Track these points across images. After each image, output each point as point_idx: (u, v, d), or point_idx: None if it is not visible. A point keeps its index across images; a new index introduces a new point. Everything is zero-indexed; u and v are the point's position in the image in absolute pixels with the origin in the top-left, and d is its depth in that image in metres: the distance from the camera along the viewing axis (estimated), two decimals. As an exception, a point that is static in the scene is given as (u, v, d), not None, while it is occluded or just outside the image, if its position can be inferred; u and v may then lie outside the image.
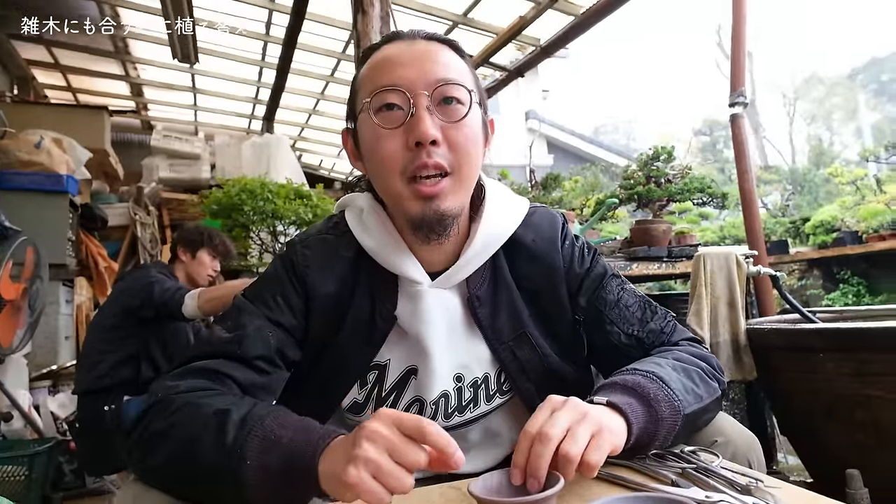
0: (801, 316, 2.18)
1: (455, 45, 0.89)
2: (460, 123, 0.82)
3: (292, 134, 6.81)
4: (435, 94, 0.81)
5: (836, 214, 5.56)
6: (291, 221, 3.38)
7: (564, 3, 3.68)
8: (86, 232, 4.13)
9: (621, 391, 0.74)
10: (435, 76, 0.81)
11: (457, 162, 0.81)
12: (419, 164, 0.79)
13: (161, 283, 2.32)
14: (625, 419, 0.70)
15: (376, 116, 0.81)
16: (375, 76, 0.84)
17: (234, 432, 0.65)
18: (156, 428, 0.71)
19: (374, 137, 0.82)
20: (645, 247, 2.54)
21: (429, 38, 0.87)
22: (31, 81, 5.21)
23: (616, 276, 0.96)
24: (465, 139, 0.82)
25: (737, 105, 2.79)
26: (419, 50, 0.84)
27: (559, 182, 3.58)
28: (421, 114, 0.79)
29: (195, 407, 0.70)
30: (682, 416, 0.75)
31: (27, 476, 2.33)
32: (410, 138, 0.79)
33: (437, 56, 0.84)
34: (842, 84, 22.24)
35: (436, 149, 0.80)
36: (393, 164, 0.81)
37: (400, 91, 0.80)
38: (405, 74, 0.81)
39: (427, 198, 0.80)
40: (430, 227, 0.82)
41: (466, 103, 0.83)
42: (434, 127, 0.79)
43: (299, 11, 3.77)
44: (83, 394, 2.36)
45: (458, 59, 0.87)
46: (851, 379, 1.71)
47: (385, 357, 0.90)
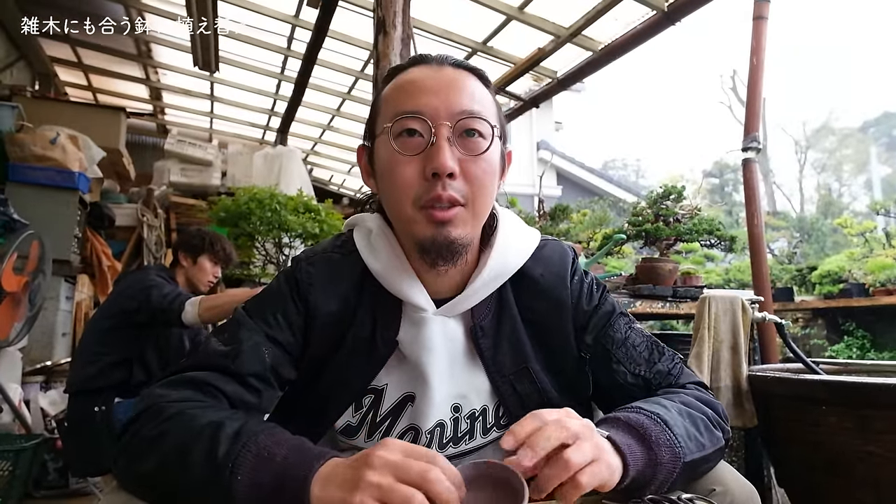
0: (805, 366, 2.15)
1: (482, 75, 0.88)
2: (479, 157, 0.81)
3: (305, 147, 6.85)
4: (457, 126, 0.80)
5: (844, 265, 5.53)
6: (297, 234, 3.38)
7: (583, 38, 3.72)
8: (92, 230, 4.14)
9: (623, 429, 0.73)
10: (459, 107, 0.80)
11: (472, 194, 0.81)
12: (433, 196, 0.78)
13: (160, 287, 2.29)
14: (622, 459, 0.68)
15: (396, 141, 0.80)
16: (399, 99, 0.83)
17: (227, 446, 0.64)
18: (146, 435, 0.70)
19: (392, 161, 0.81)
20: (650, 285, 2.52)
21: (457, 65, 0.86)
22: (53, 78, 5.27)
23: (624, 314, 0.95)
24: (483, 173, 0.81)
25: (750, 149, 2.79)
26: (446, 77, 0.83)
27: (567, 213, 3.58)
28: (441, 144, 0.78)
29: (188, 417, 0.69)
30: (681, 463, 0.73)
31: (11, 472, 2.31)
32: (428, 168, 0.78)
33: (464, 85, 0.83)
34: (853, 136, 22.35)
35: (451, 181, 0.79)
36: (407, 191, 0.80)
37: (422, 119, 0.79)
38: (429, 102, 0.80)
39: (439, 223, 0.79)
40: (438, 251, 0.81)
41: (488, 137, 0.82)
42: (452, 159, 0.79)
43: (322, 28, 3.81)
44: (74, 393, 2.34)
45: (484, 90, 0.86)
46: (854, 434, 1.68)
47: (383, 381, 0.88)
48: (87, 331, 2.43)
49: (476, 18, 3.83)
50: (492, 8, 3.61)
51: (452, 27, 4.00)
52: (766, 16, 2.80)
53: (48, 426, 2.90)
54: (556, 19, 3.66)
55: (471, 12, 3.73)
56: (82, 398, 2.30)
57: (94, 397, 2.27)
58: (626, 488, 0.69)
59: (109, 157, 4.45)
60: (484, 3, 3.58)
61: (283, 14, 4.20)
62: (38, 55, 4.78)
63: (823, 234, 12.14)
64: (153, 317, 2.26)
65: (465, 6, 3.64)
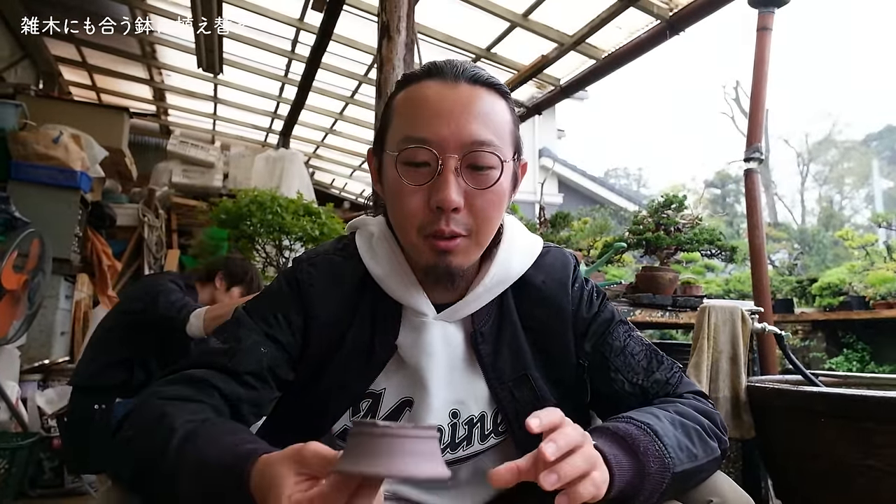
0: (805, 378, 2.15)
1: (500, 89, 0.84)
2: (487, 190, 0.79)
3: (307, 151, 6.86)
4: (466, 158, 0.78)
5: (844, 278, 5.52)
6: (298, 237, 3.38)
7: (587, 47, 3.73)
8: (93, 229, 4.14)
9: (611, 439, 0.72)
10: (470, 137, 0.77)
11: (476, 226, 0.80)
12: (437, 230, 0.78)
13: (168, 293, 2.26)
14: (609, 470, 0.68)
15: (402, 170, 0.79)
16: (409, 119, 0.80)
17: (174, 453, 0.66)
18: (125, 438, 0.73)
19: (397, 189, 0.80)
20: (650, 294, 2.52)
21: (474, 80, 0.81)
22: (58, 77, 5.29)
23: (623, 322, 0.94)
24: (489, 205, 0.80)
25: (752, 160, 2.80)
26: (460, 98, 0.79)
27: (568, 221, 3.58)
28: (447, 177, 0.76)
29: (160, 419, 0.71)
30: (671, 474, 0.72)
31: (7, 470, 2.30)
32: (433, 200, 0.77)
33: (478, 108, 0.79)
34: (856, 149, 22.40)
35: (456, 215, 0.78)
36: (412, 220, 0.80)
37: (429, 150, 0.77)
38: (439, 130, 0.77)
39: (441, 251, 0.79)
40: (437, 278, 0.82)
41: (498, 167, 0.79)
42: (458, 192, 0.77)
43: (326, 32, 3.82)
44: (76, 387, 2.32)
45: (501, 106, 0.82)
46: (853, 448, 1.67)
47: (381, 386, 0.88)
48: (97, 327, 2.42)
49: (480, 25, 3.84)
50: (496, 15, 3.63)
51: (456, 33, 4.01)
52: (770, 27, 2.81)
53: (45, 425, 2.89)
54: (559, 27, 3.67)
55: (475, 18, 3.74)
56: (84, 394, 2.29)
57: (95, 395, 2.26)
58: (613, 499, 0.69)
59: (112, 156, 4.46)
60: (488, 10, 3.59)
61: (287, 17, 4.22)
62: (42, 54, 4.80)
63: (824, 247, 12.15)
64: (158, 322, 2.23)
65: (470, 12, 3.65)
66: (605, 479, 0.67)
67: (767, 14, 2.81)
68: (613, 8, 3.29)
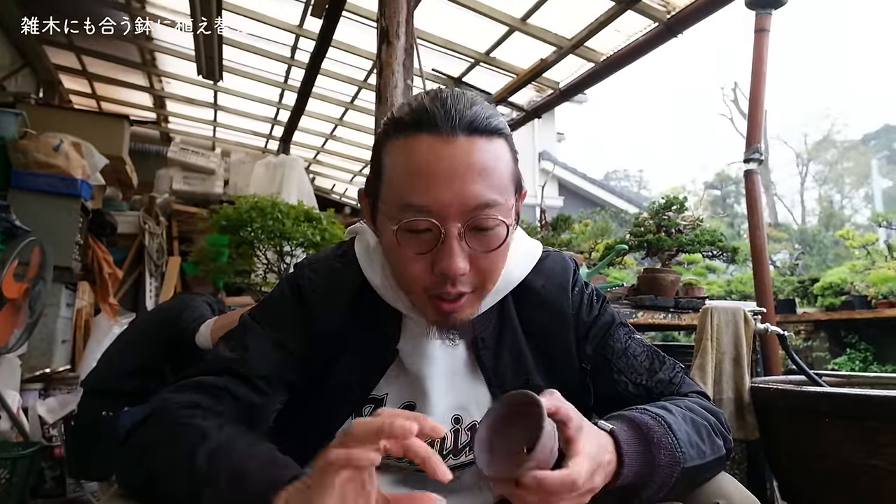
0: (808, 378, 2.14)
1: (500, 132, 0.77)
2: (492, 252, 0.77)
3: (308, 157, 6.87)
4: (470, 223, 0.74)
5: (846, 277, 5.51)
6: (299, 243, 3.37)
7: (585, 50, 3.74)
8: (94, 237, 4.14)
9: (628, 426, 0.73)
10: (474, 200, 0.72)
11: (481, 283, 0.79)
12: (443, 292, 0.76)
13: (195, 309, 2.23)
14: (618, 458, 0.69)
15: (402, 238, 0.74)
16: (405, 181, 0.74)
17: (205, 460, 0.65)
18: (141, 443, 0.71)
19: (398, 255, 0.77)
20: (652, 295, 2.51)
21: (470, 130, 0.73)
22: (58, 86, 5.29)
23: (624, 324, 0.95)
24: (494, 263, 0.78)
25: (752, 161, 2.79)
26: (458, 156, 0.72)
27: (569, 224, 3.58)
28: (451, 245, 0.73)
29: (181, 427, 0.70)
30: (680, 468, 0.72)
31: (8, 480, 2.29)
32: (437, 269, 0.74)
33: (479, 167, 0.73)
34: (854, 148, 22.42)
35: (461, 277, 0.76)
36: (416, 283, 0.77)
37: (430, 221, 0.73)
38: (439, 197, 0.72)
39: (447, 311, 0.78)
40: (442, 332, 0.81)
41: (503, 226, 0.76)
42: (463, 259, 0.74)
43: (325, 38, 3.83)
44: (87, 392, 2.31)
45: (502, 155, 0.77)
46: (857, 447, 1.66)
47: (383, 391, 0.88)
48: (121, 333, 2.41)
49: (479, 29, 3.85)
50: (494, 19, 3.63)
51: (455, 38, 4.02)
52: (768, 28, 2.81)
53: (46, 434, 2.88)
54: (558, 30, 3.68)
55: (474, 23, 3.75)
56: (95, 398, 2.27)
57: (105, 399, 2.25)
58: (621, 488, 0.69)
59: (112, 164, 4.46)
60: (487, 15, 3.59)
61: (286, 23, 4.22)
62: (42, 63, 4.81)
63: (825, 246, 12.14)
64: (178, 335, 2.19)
65: (469, 17, 3.65)
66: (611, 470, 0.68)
67: (765, 15, 2.81)
68: (611, 11, 3.30)
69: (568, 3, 3.42)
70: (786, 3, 2.76)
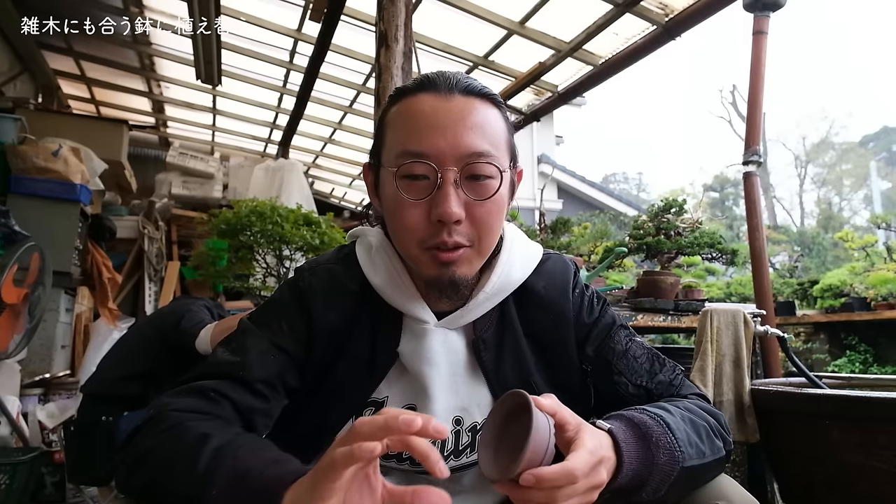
0: (808, 380, 2.14)
1: (493, 99, 0.84)
2: (487, 200, 0.80)
3: (307, 161, 6.88)
4: (465, 170, 0.78)
5: (845, 279, 5.52)
6: (298, 247, 3.37)
7: (584, 53, 3.75)
8: (93, 242, 4.13)
9: (626, 425, 0.73)
10: (467, 149, 0.78)
11: (477, 236, 0.81)
12: (439, 241, 0.78)
13: (194, 314, 2.24)
14: (617, 457, 0.69)
15: (401, 184, 0.79)
16: (405, 133, 0.80)
17: (207, 461, 0.64)
18: (142, 447, 0.70)
19: (397, 203, 0.80)
20: (651, 298, 2.52)
21: (466, 91, 0.81)
22: (57, 91, 5.30)
23: (624, 326, 0.95)
24: (489, 215, 0.80)
25: (751, 163, 2.80)
26: (455, 110, 0.79)
27: (568, 227, 3.59)
28: (447, 190, 0.77)
29: (181, 429, 0.69)
30: (679, 467, 0.72)
31: (7, 485, 2.29)
32: (433, 214, 0.78)
33: (474, 120, 0.79)
34: (853, 151, 22.46)
35: (457, 226, 0.78)
36: (413, 233, 0.80)
37: (428, 164, 0.77)
38: (436, 143, 0.77)
39: (444, 263, 0.80)
40: (442, 290, 0.83)
41: (497, 177, 0.80)
42: (458, 205, 0.77)
43: (324, 42, 3.84)
44: (87, 396, 2.31)
45: (495, 116, 0.83)
46: (856, 449, 1.66)
47: (384, 393, 0.88)
48: (121, 338, 2.41)
49: (477, 33, 3.86)
50: (493, 23, 3.64)
51: (454, 41, 4.03)
52: (766, 31, 2.82)
53: (46, 439, 2.87)
54: (556, 34, 3.69)
55: (472, 27, 3.76)
56: (95, 403, 2.27)
57: (105, 404, 2.24)
58: (620, 488, 0.69)
59: (111, 169, 4.46)
60: (485, 18, 3.60)
61: (285, 28, 4.23)
62: (41, 68, 4.81)
63: (824, 248, 12.16)
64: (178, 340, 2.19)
65: (467, 20, 3.67)
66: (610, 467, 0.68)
67: (763, 18, 2.82)
68: (609, 14, 3.31)
69: (566, 7, 3.44)
70: (784, 5, 2.77)
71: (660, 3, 3.19)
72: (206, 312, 2.33)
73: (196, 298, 2.49)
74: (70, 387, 3.39)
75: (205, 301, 2.44)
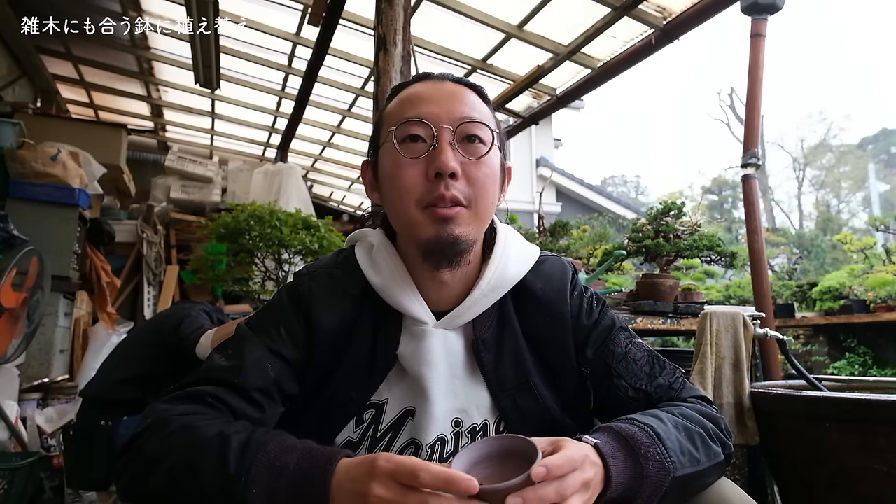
0: (808, 383, 2.14)
1: (481, 92, 0.92)
2: (480, 160, 0.84)
3: (305, 164, 6.88)
4: (459, 130, 0.84)
5: (845, 281, 5.53)
6: (297, 251, 3.37)
7: (582, 56, 3.75)
8: (92, 246, 4.13)
9: (613, 438, 0.72)
10: (461, 113, 0.85)
11: (474, 196, 0.83)
12: (437, 196, 0.80)
13: (193, 319, 2.23)
14: (605, 470, 0.68)
15: (400, 146, 0.84)
16: (402, 109, 0.87)
17: (237, 459, 0.64)
18: (150, 451, 0.70)
19: (395, 165, 0.84)
20: (651, 301, 2.52)
21: (457, 81, 0.91)
22: (55, 95, 5.30)
23: (624, 329, 0.95)
24: (484, 175, 0.84)
25: (749, 165, 2.80)
26: (447, 90, 0.88)
27: (567, 230, 3.59)
28: (443, 146, 0.82)
29: (193, 430, 0.69)
30: (670, 477, 0.72)
31: (6, 490, 2.28)
32: (431, 168, 0.81)
33: (464, 97, 0.88)
34: (851, 153, 22.49)
35: (454, 182, 0.81)
36: (411, 192, 0.82)
37: (425, 123, 0.83)
38: (431, 109, 0.84)
39: (442, 220, 0.81)
40: (442, 251, 0.82)
41: (488, 142, 0.85)
42: (455, 160, 0.82)
43: (322, 46, 3.85)
44: (87, 401, 2.30)
45: (483, 105, 0.90)
46: (857, 451, 1.66)
47: (383, 396, 0.88)
48: (120, 343, 2.40)
49: (476, 36, 3.87)
50: (491, 26, 3.65)
51: (452, 45, 4.03)
52: (764, 34, 2.83)
53: (44, 444, 2.87)
54: (554, 37, 3.70)
55: (471, 30, 3.77)
56: (93, 407, 2.26)
57: (104, 409, 2.24)
58: (611, 500, 0.69)
59: (110, 173, 4.46)
60: (484, 22, 3.61)
61: (283, 32, 4.24)
62: (40, 72, 4.82)
63: (823, 251, 12.16)
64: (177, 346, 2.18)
65: (465, 24, 3.67)
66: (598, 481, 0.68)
67: (761, 21, 2.83)
68: (607, 17, 3.31)
69: (564, 10, 3.44)
70: (781, 8, 2.78)
71: (658, 7, 3.19)
72: (206, 317, 2.32)
73: (195, 303, 2.49)
74: (69, 391, 3.38)
75: (204, 305, 2.43)
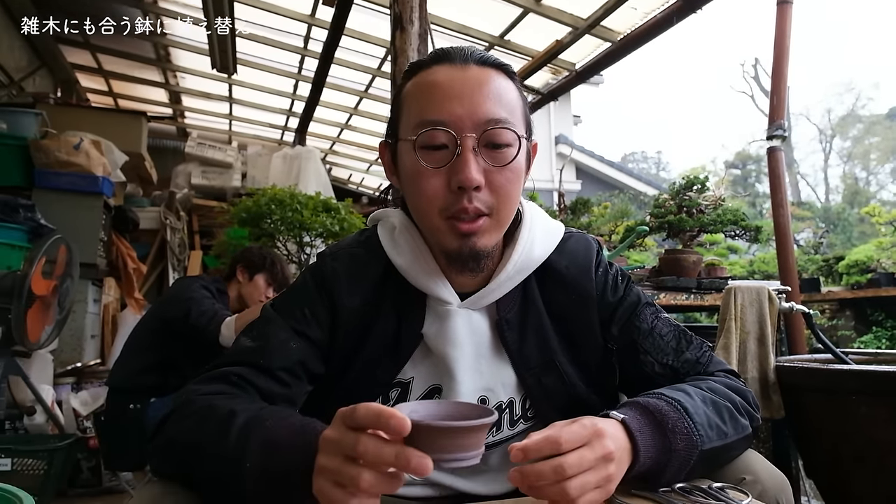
0: (835, 356, 2.11)
1: (508, 70, 0.86)
2: (505, 167, 0.80)
3: (323, 147, 6.89)
4: (483, 137, 0.79)
5: (872, 255, 5.42)
6: (318, 233, 3.40)
7: (601, 29, 3.68)
8: (117, 233, 4.20)
9: (641, 413, 0.73)
10: (485, 115, 0.79)
11: (497, 204, 0.81)
12: (459, 208, 0.78)
13: (199, 303, 2.26)
14: (633, 446, 0.69)
15: (420, 153, 0.79)
16: (422, 104, 0.82)
17: (237, 435, 0.65)
18: (170, 431, 0.72)
19: (416, 172, 0.81)
20: (674, 276, 2.50)
21: (481, 61, 0.83)
22: (75, 85, 5.37)
23: (650, 304, 0.94)
24: (508, 182, 0.81)
25: (775, 137, 2.74)
26: (470, 79, 0.81)
27: (588, 207, 3.56)
28: (466, 156, 0.77)
29: (208, 410, 0.71)
30: (699, 451, 0.72)
31: (45, 471, 2.36)
32: (453, 181, 0.78)
33: (489, 88, 0.81)
34: (880, 123, 21.88)
35: (477, 193, 0.78)
36: (433, 202, 0.80)
37: (447, 131, 0.78)
38: (454, 110, 0.78)
39: (465, 234, 0.80)
40: (464, 262, 0.82)
41: (514, 145, 0.80)
42: (478, 171, 0.78)
43: (338, 26, 3.83)
44: (112, 390, 2.37)
45: (510, 86, 0.84)
46: (885, 425, 1.64)
47: (409, 375, 0.88)
48: (133, 330, 2.46)
49: (493, 12, 3.82)
50: (508, 1, 3.59)
51: (469, 21, 3.99)
52: (791, 0, 2.74)
53: (80, 426, 2.95)
54: (573, 10, 3.62)
55: (487, 6, 3.72)
56: (119, 395, 2.33)
57: (130, 395, 2.29)
58: (639, 475, 0.70)
59: (132, 161, 4.52)
60: (500, -3, 3.55)
61: (298, 13, 4.23)
62: (59, 62, 4.87)
63: (850, 224, 11.93)
64: (189, 332, 2.23)
65: (482, 0, 3.62)
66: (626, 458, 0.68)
67: (786, -13, 2.74)
68: (627, -13, 3.24)
69: (583, -18, 3.38)
70: (807, -27, 2.69)
71: (679, -24, 3.12)
72: (208, 297, 2.35)
73: (193, 279, 2.51)
74: (101, 375, 3.47)
75: (201, 280, 2.47)
